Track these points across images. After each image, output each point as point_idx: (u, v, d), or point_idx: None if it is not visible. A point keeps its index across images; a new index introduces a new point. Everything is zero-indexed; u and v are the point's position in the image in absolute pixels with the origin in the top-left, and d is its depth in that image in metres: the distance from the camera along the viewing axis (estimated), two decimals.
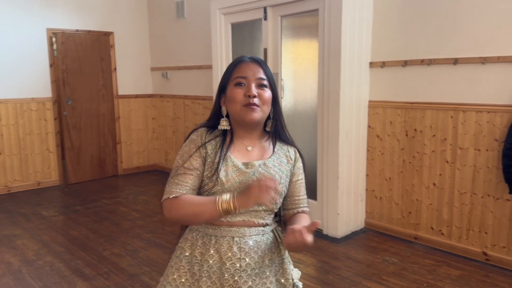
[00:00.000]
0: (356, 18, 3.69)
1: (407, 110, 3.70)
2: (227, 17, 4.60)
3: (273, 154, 1.48)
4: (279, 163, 1.48)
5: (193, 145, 1.41)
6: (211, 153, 1.41)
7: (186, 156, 1.40)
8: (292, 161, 1.51)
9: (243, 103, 1.36)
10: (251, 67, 1.41)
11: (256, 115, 1.37)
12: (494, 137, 3.22)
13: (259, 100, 1.38)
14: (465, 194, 3.42)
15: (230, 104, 1.39)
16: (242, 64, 1.42)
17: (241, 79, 1.39)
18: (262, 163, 1.44)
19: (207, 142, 1.43)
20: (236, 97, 1.37)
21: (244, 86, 1.38)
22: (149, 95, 6.56)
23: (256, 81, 1.39)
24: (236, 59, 1.47)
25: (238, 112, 1.38)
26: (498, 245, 3.29)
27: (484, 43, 3.21)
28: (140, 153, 6.55)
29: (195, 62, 5.73)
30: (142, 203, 4.95)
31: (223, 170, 1.38)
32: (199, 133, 1.43)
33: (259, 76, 1.40)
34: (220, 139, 1.45)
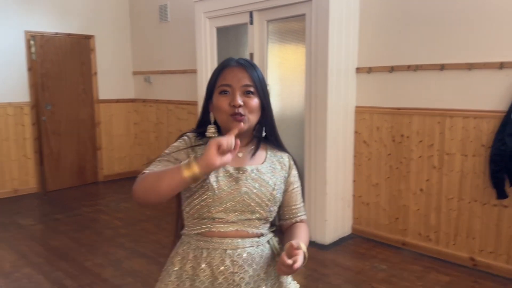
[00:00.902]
0: (343, 23, 3.68)
1: (394, 116, 3.70)
2: (212, 21, 4.54)
3: (266, 160, 1.43)
4: (272, 169, 1.42)
5: (183, 142, 1.38)
6: (199, 155, 1.34)
7: (174, 149, 1.36)
8: (286, 168, 1.46)
9: (229, 112, 1.30)
10: (236, 72, 1.33)
11: (242, 125, 1.30)
12: (481, 142, 3.23)
13: (245, 109, 1.31)
14: (452, 200, 3.42)
15: (216, 112, 1.34)
16: (227, 70, 1.35)
17: (225, 87, 1.32)
18: (255, 169, 1.38)
19: (197, 146, 1.37)
20: (221, 106, 1.31)
21: (229, 94, 1.31)
22: (131, 99, 6.44)
23: (241, 89, 1.32)
24: (222, 63, 1.39)
25: (224, 121, 1.32)
26: (485, 251, 3.29)
27: (470, 49, 3.23)
28: (122, 159, 6.41)
29: (179, 67, 5.64)
30: (124, 211, 4.83)
31: (213, 175, 1.32)
32: (188, 137, 1.39)
33: (244, 83, 1.32)
34: None
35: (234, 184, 1.33)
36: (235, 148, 1.27)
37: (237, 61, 1.37)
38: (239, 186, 1.33)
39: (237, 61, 1.37)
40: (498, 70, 3.11)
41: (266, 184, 1.36)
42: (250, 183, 1.36)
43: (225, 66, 1.36)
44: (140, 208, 4.89)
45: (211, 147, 1.19)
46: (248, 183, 1.35)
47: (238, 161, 1.39)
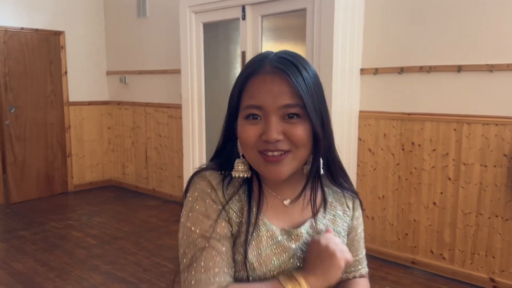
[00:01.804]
0: (348, 19, 3.32)
1: (404, 122, 3.37)
2: (198, 16, 4.11)
3: (322, 206, 1.01)
4: (333, 218, 1.02)
5: (209, 201, 0.93)
6: (234, 214, 0.94)
7: (205, 221, 0.91)
8: (350, 211, 1.06)
9: (259, 148, 0.88)
10: (271, 85, 0.87)
11: (282, 170, 0.89)
12: (503, 152, 2.93)
13: (287, 142, 0.88)
14: (470, 215, 3.11)
15: (242, 147, 0.93)
16: (254, 80, 0.89)
17: (253, 110, 0.88)
18: (310, 225, 0.98)
19: (231, 199, 0.94)
20: (246, 139, 0.89)
21: (260, 120, 0.88)
22: (105, 102, 5.91)
23: (280, 112, 0.87)
24: (248, 65, 0.93)
25: (252, 161, 0.92)
26: (507, 271, 2.99)
27: (491, 49, 2.93)
28: (94, 167, 5.87)
29: (159, 66, 5.18)
30: (98, 226, 4.33)
31: (253, 246, 0.92)
32: (211, 181, 0.94)
33: (284, 102, 0.86)
34: (244, 190, 0.96)
35: (282, 254, 0.94)
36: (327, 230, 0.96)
37: (272, 63, 0.89)
38: (290, 256, 0.94)
39: (272, 63, 0.89)
40: None
41: None
42: (304, 247, 0.96)
43: (251, 73, 0.90)
44: (116, 223, 4.40)
45: (338, 265, 0.89)
46: (302, 248, 0.96)
47: (285, 215, 0.98)
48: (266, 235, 0.93)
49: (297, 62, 0.89)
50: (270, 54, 0.92)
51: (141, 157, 5.60)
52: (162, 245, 3.82)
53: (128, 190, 5.68)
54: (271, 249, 0.93)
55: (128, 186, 5.78)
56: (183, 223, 0.94)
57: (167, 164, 5.26)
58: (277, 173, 0.88)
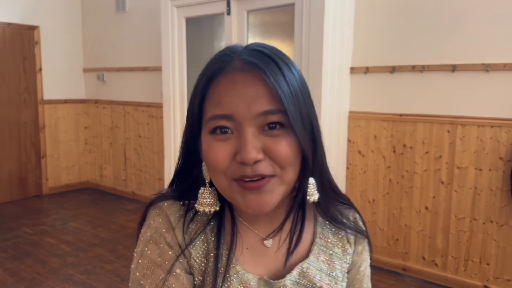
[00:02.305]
0: (338, 16, 3.18)
1: (395, 123, 3.24)
2: (181, 10, 3.91)
3: (314, 244, 0.80)
4: (329, 259, 0.80)
5: (164, 246, 0.72)
6: (198, 259, 0.74)
7: (157, 273, 0.71)
8: (351, 248, 0.83)
9: (234, 174, 0.67)
10: (243, 85, 0.66)
11: (266, 200, 0.67)
12: (499, 155, 2.83)
13: (269, 163, 0.66)
14: (464, 220, 3.00)
15: (210, 173, 0.71)
16: (221, 80, 0.68)
17: (221, 121, 0.67)
18: (299, 272, 0.76)
19: (193, 242, 0.74)
20: (214, 162, 0.67)
21: (231, 134, 0.67)
22: (81, 100, 5.65)
23: (256, 121, 0.66)
24: (212, 60, 0.72)
25: (224, 191, 0.70)
26: (502, 278, 2.89)
27: (488, 48, 2.82)
28: (70, 169, 5.61)
29: (139, 63, 4.96)
30: (73, 232, 4.09)
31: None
32: (169, 216, 0.74)
33: (261, 108, 0.66)
34: (212, 227, 0.75)
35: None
36: None
37: (242, 56, 0.68)
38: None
39: (242, 56, 0.68)
40: None
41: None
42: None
43: (215, 73, 0.69)
44: (92, 229, 4.17)
45: None
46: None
47: (265, 258, 0.77)
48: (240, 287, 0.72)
49: (275, 56, 0.69)
50: (239, 48, 0.71)
51: (119, 158, 5.37)
52: None
53: (105, 193, 5.44)
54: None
55: (105, 189, 5.54)
56: (132, 270, 0.74)
57: (147, 166, 5.04)
58: (259, 205, 0.67)
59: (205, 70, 0.71)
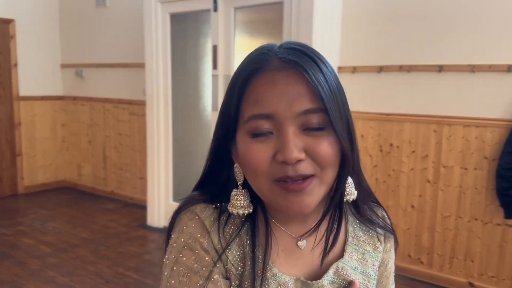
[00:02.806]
0: (327, 14, 3.18)
1: (382, 123, 3.26)
2: (165, 6, 3.84)
3: (348, 243, 0.79)
4: (362, 258, 0.81)
5: (200, 251, 0.70)
6: (234, 263, 0.72)
7: (194, 279, 0.69)
8: (381, 246, 0.84)
9: (275, 175, 0.65)
10: (283, 84, 0.65)
11: (307, 201, 0.66)
12: (484, 154, 2.88)
13: (310, 163, 0.65)
14: (449, 218, 3.05)
15: (246, 173, 0.69)
16: (260, 80, 0.66)
17: (262, 122, 0.65)
18: (335, 271, 0.77)
19: (229, 245, 0.72)
20: (255, 164, 0.66)
21: (271, 135, 0.65)
22: (59, 97, 5.49)
23: (297, 121, 0.65)
24: (248, 60, 0.70)
25: (264, 193, 0.68)
26: (486, 275, 2.94)
27: (473, 49, 2.87)
28: (47, 167, 5.44)
29: (120, 59, 4.84)
30: (52, 233, 3.96)
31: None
32: (203, 221, 0.72)
33: (302, 107, 0.64)
34: (247, 230, 0.74)
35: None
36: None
37: (280, 55, 0.67)
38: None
39: (280, 55, 0.67)
40: (505, 73, 2.77)
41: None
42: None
43: (253, 72, 0.67)
44: (72, 229, 4.05)
45: None
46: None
47: (300, 260, 0.76)
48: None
49: (312, 54, 0.67)
50: (275, 46, 0.70)
51: (98, 156, 5.24)
52: (124, 253, 3.54)
53: (84, 192, 5.30)
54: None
55: (84, 188, 5.40)
56: (166, 278, 0.71)
57: (128, 165, 4.94)
58: (300, 207, 0.66)
59: (242, 69, 0.69)
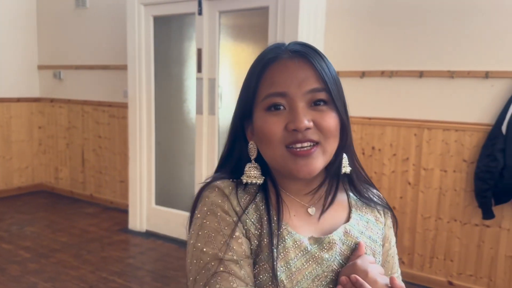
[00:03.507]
0: (311, 20, 3.23)
1: (364, 126, 3.34)
2: (148, 8, 3.82)
3: (352, 212, 0.91)
4: (366, 224, 0.91)
5: (221, 214, 0.81)
6: (252, 226, 0.82)
7: (219, 238, 0.79)
8: (382, 218, 0.94)
9: (285, 142, 0.79)
10: (293, 69, 0.81)
11: (313, 164, 0.80)
12: (463, 157, 2.99)
13: (316, 132, 0.80)
14: (429, 219, 3.14)
15: (262, 144, 0.83)
16: (276, 66, 0.82)
17: (277, 98, 0.80)
18: (342, 232, 0.86)
19: (247, 208, 0.83)
20: (270, 133, 0.80)
21: (284, 110, 0.80)
22: (36, 98, 5.37)
23: (305, 97, 0.80)
24: (264, 54, 0.86)
25: (277, 159, 0.81)
26: (464, 274, 3.05)
27: (453, 56, 2.97)
28: (23, 171, 5.31)
29: (99, 61, 4.78)
30: (31, 237, 3.88)
31: (280, 260, 0.78)
32: (223, 189, 0.83)
33: (310, 86, 0.80)
34: (261, 198, 0.85)
35: (315, 267, 0.81)
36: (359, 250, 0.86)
37: (289, 48, 0.84)
38: (323, 269, 0.81)
39: (289, 48, 0.84)
40: (483, 79, 2.89)
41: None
42: (341, 262, 0.83)
43: (271, 60, 0.82)
44: (51, 233, 3.98)
45: None
46: (336, 259, 0.83)
47: (311, 223, 0.86)
48: (293, 246, 0.81)
49: (316, 48, 0.85)
50: (284, 43, 0.87)
51: (77, 160, 5.15)
52: (107, 257, 3.50)
53: (62, 196, 5.20)
54: (301, 262, 0.80)
55: (61, 192, 5.29)
56: (192, 244, 0.80)
57: (108, 168, 4.88)
58: (308, 168, 0.79)
59: (260, 59, 0.85)
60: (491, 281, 2.96)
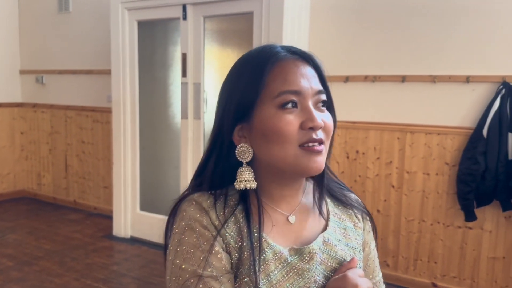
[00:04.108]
0: (295, 26, 3.26)
1: (348, 130, 3.37)
2: (132, 13, 3.81)
3: (330, 220, 0.90)
4: (344, 232, 0.91)
5: (200, 229, 0.79)
6: (232, 238, 0.80)
7: (197, 254, 0.77)
8: (360, 223, 0.95)
9: (300, 141, 0.78)
10: (303, 68, 0.81)
11: (322, 161, 0.81)
12: (445, 160, 3.04)
13: (322, 132, 0.81)
14: (413, 222, 3.18)
15: (269, 144, 0.79)
16: (286, 64, 0.80)
17: (292, 96, 0.78)
18: (322, 241, 0.86)
19: (227, 221, 0.81)
20: (286, 131, 0.78)
21: (297, 109, 0.79)
22: (17, 104, 5.29)
23: (314, 98, 0.81)
24: (261, 52, 0.83)
25: (288, 159, 0.79)
26: (448, 275, 3.10)
27: (434, 61, 3.03)
28: (4, 177, 5.22)
29: (83, 66, 4.74)
30: (13, 245, 3.81)
31: (262, 272, 0.78)
32: (200, 205, 0.81)
33: (318, 87, 0.82)
34: (240, 210, 0.83)
35: (296, 278, 0.81)
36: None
37: (287, 48, 0.84)
38: (305, 280, 0.82)
39: (287, 48, 0.84)
40: (464, 84, 2.94)
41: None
42: (322, 272, 0.84)
43: (279, 59, 0.81)
44: (34, 240, 3.92)
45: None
46: (319, 272, 0.83)
47: (291, 233, 0.85)
48: (273, 258, 0.80)
49: (310, 53, 0.86)
50: (277, 46, 0.85)
51: (59, 165, 5.09)
52: (92, 264, 3.46)
53: (44, 202, 5.12)
54: (282, 274, 0.80)
55: (44, 198, 5.22)
56: (171, 260, 0.79)
57: (91, 173, 4.83)
58: (319, 165, 0.79)
59: (259, 57, 0.82)
60: (474, 282, 3.01)
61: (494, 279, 2.95)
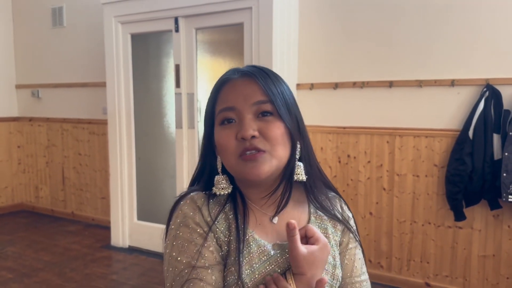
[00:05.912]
0: (284, 35, 3.35)
1: (339, 135, 3.45)
2: (125, 26, 3.89)
3: (311, 222, 0.97)
4: (324, 232, 0.97)
5: (193, 225, 0.89)
6: (222, 233, 0.91)
7: (191, 248, 0.88)
8: (340, 226, 1.00)
9: (238, 151, 0.88)
10: (242, 87, 0.90)
11: (261, 168, 0.86)
12: (433, 162, 3.12)
13: (263, 141, 0.87)
14: (405, 223, 3.26)
15: (221, 156, 0.92)
16: (226, 86, 0.93)
17: (227, 112, 0.90)
18: None
19: (217, 218, 0.92)
20: (225, 144, 0.89)
21: (235, 123, 0.89)
22: (14, 118, 5.36)
23: (252, 109, 0.89)
24: (221, 77, 0.97)
25: (233, 167, 0.90)
26: (440, 275, 3.16)
27: (420, 66, 3.12)
28: (2, 191, 5.26)
29: (78, 79, 4.81)
30: (13, 258, 3.86)
31: (245, 264, 0.87)
32: (195, 201, 0.92)
33: (255, 99, 0.89)
34: (230, 208, 0.94)
35: (277, 270, 0.89)
36: (291, 228, 0.85)
37: (241, 70, 0.95)
38: (284, 268, 0.90)
39: (241, 70, 0.95)
40: (449, 87, 3.03)
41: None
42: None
43: (224, 82, 0.94)
44: (33, 253, 3.96)
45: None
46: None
47: (274, 231, 0.94)
48: (257, 251, 0.89)
49: (265, 69, 0.95)
50: (238, 68, 0.96)
51: (57, 178, 5.14)
52: (91, 274, 3.50)
53: (42, 215, 5.17)
54: (264, 266, 0.88)
55: (42, 211, 5.26)
56: (168, 253, 0.89)
57: (88, 185, 4.88)
58: (256, 171, 0.86)
59: (216, 83, 0.96)
60: (466, 280, 3.08)
61: (485, 276, 3.02)
